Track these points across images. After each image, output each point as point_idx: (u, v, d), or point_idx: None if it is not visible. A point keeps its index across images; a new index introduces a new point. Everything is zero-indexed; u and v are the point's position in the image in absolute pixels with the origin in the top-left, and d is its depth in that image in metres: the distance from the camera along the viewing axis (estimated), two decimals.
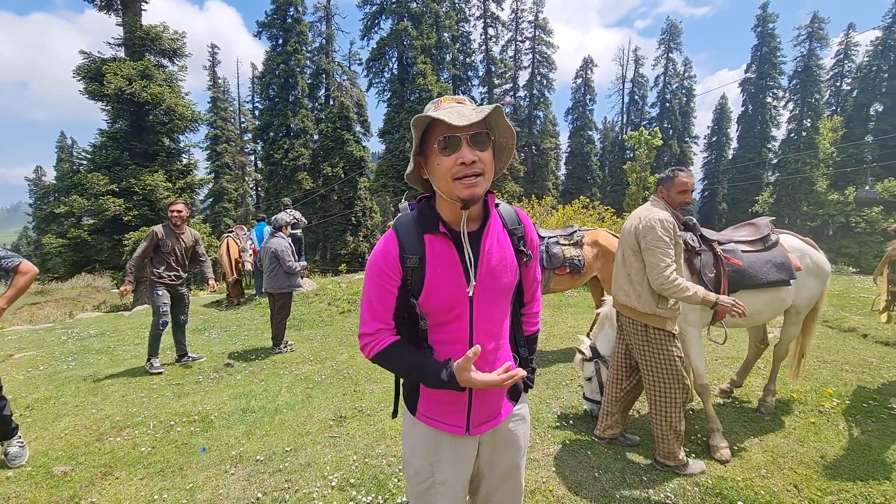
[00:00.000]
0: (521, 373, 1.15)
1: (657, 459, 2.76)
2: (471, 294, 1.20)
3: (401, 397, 1.39)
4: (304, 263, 5.69)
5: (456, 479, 1.32)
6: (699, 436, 3.09)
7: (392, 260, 1.21)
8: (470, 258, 1.19)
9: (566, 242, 4.74)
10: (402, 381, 1.40)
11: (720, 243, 3.03)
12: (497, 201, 1.31)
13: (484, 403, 1.29)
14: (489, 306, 1.25)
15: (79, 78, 12.34)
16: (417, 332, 1.24)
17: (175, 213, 4.72)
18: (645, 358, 2.70)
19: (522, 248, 1.30)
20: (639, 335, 2.68)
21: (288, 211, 8.74)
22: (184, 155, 15.16)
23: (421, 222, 1.23)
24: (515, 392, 1.40)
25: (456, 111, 1.10)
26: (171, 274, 4.73)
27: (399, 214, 1.31)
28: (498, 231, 1.27)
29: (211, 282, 5.02)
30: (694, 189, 2.64)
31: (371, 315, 1.24)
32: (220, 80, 35.12)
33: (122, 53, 13.15)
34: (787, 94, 35.06)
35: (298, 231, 8.62)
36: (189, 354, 5.13)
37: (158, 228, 4.68)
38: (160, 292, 4.65)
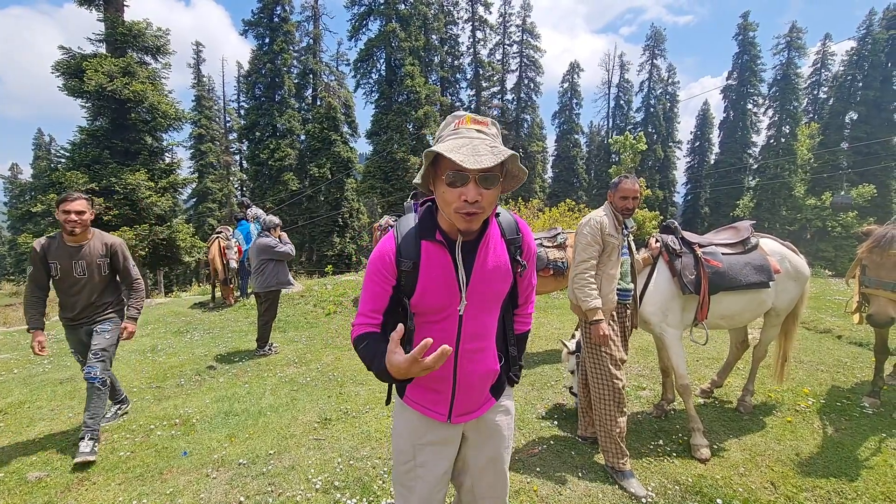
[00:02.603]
0: (445, 352, 1.02)
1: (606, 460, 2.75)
2: (461, 308, 1.27)
3: (394, 384, 1.43)
4: (285, 236, 5.62)
5: (436, 463, 1.38)
6: (680, 435, 3.15)
7: (388, 262, 1.28)
8: (462, 276, 1.25)
9: (550, 244, 4.79)
10: None
11: (701, 246, 3.11)
12: (497, 210, 1.35)
13: (466, 395, 1.36)
14: (479, 311, 1.31)
15: (58, 74, 12.02)
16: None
17: (71, 217, 2.88)
18: (584, 353, 2.83)
19: (518, 257, 1.35)
20: (582, 330, 2.82)
21: (249, 210, 8.72)
22: (167, 154, 14.82)
23: (420, 228, 1.29)
24: (499, 387, 1.45)
25: (471, 148, 1.09)
26: (70, 309, 3.06)
27: (403, 215, 1.39)
28: (495, 241, 1.32)
29: (129, 324, 3.19)
30: (636, 197, 2.68)
31: (363, 307, 1.34)
32: (204, 79, 34.49)
33: (103, 50, 12.87)
34: (767, 102, 35.88)
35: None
36: (117, 408, 3.63)
37: (38, 243, 2.95)
38: (69, 343, 3.21)
